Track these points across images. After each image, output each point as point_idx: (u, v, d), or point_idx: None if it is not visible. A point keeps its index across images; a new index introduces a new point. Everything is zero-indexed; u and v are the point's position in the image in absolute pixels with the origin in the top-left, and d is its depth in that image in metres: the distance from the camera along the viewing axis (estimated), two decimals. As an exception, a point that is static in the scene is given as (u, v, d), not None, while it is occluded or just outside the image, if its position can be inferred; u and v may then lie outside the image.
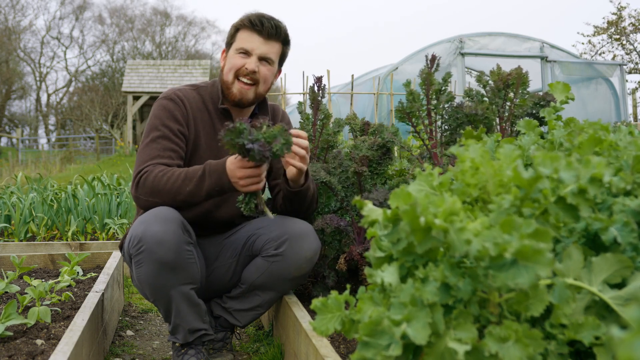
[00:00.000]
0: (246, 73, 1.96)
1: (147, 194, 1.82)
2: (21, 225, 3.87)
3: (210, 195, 1.79)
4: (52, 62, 35.86)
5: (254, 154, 1.57)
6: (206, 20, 41.80)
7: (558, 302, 0.88)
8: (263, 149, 1.57)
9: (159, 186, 1.80)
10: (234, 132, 1.54)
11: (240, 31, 1.98)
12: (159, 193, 1.81)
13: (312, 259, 1.91)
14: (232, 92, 1.99)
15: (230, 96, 2.00)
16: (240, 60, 1.97)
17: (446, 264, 0.89)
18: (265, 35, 1.96)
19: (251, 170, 1.68)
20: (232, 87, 1.98)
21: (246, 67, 1.95)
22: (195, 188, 1.77)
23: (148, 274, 1.74)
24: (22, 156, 21.03)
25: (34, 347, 1.58)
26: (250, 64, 1.95)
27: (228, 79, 1.99)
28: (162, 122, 1.93)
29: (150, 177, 1.82)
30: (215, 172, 1.75)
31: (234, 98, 2.00)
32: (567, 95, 1.90)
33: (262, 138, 1.57)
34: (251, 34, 1.96)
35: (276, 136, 1.58)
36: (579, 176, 0.89)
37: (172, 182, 1.79)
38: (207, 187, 1.76)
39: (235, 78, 1.97)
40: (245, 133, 1.55)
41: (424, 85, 1.94)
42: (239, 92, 1.98)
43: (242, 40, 1.97)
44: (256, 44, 1.96)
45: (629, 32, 18.97)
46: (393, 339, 0.85)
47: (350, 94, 8.29)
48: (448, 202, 0.86)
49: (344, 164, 2.10)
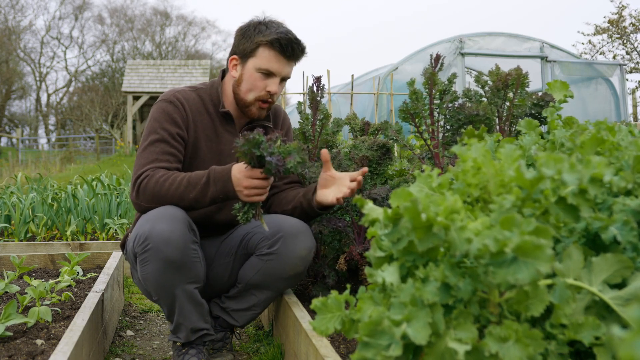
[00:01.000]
0: (268, 97, 1.96)
1: (148, 200, 1.81)
2: (21, 225, 3.87)
3: (214, 202, 1.79)
4: (52, 62, 35.89)
5: (270, 167, 1.59)
6: (206, 20, 41.84)
7: (558, 302, 0.88)
8: (280, 164, 1.58)
9: (160, 192, 1.79)
10: (251, 143, 1.55)
11: (265, 48, 1.92)
12: (161, 199, 1.79)
13: (306, 258, 1.91)
14: (250, 110, 1.98)
15: (248, 113, 2.00)
16: (261, 82, 1.94)
17: (446, 264, 0.89)
18: (291, 58, 1.95)
19: (259, 181, 1.68)
20: (252, 107, 1.98)
21: (269, 91, 1.94)
22: (199, 195, 1.76)
23: (154, 272, 1.74)
24: (22, 156, 21.03)
25: (34, 347, 1.58)
26: (273, 87, 1.94)
27: (247, 98, 1.97)
28: (161, 125, 1.92)
29: (151, 182, 1.80)
30: (221, 180, 1.74)
31: (252, 116, 2.00)
32: (565, 93, 1.90)
33: (277, 152, 1.58)
34: (277, 56, 1.92)
35: (291, 153, 1.59)
36: (582, 177, 0.89)
37: (174, 188, 1.78)
38: (211, 194, 1.76)
39: (256, 100, 1.96)
40: (263, 145, 1.56)
41: (427, 84, 1.94)
42: (258, 110, 1.99)
43: (266, 60, 1.92)
44: (281, 66, 1.93)
45: (630, 32, 18.97)
46: (393, 339, 0.85)
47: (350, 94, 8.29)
48: (449, 201, 0.86)
49: (342, 164, 2.10)
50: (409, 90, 1.95)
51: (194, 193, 1.76)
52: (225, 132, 2.02)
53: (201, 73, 22.30)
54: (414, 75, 2.16)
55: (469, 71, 10.03)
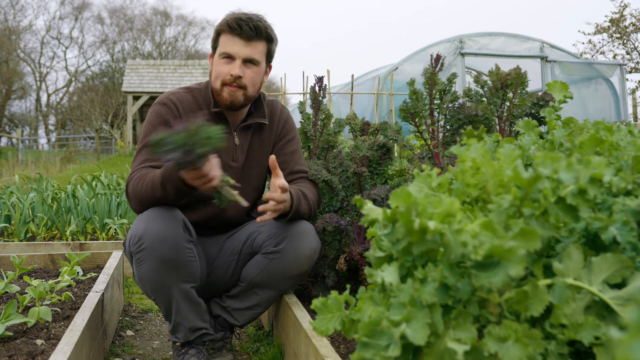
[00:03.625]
0: (232, 80, 1.93)
1: (135, 202, 1.85)
2: (21, 225, 3.87)
3: (180, 198, 1.76)
4: (52, 62, 35.91)
5: (180, 163, 1.54)
6: (206, 20, 41.68)
7: (558, 302, 0.88)
8: (186, 157, 1.52)
9: (138, 194, 1.81)
10: (155, 146, 1.50)
11: (222, 35, 1.95)
12: (141, 200, 1.82)
13: (311, 257, 1.91)
14: (222, 97, 1.97)
15: (221, 102, 1.98)
16: (225, 66, 1.94)
17: (445, 264, 0.89)
18: (245, 37, 1.92)
19: (195, 172, 1.64)
20: (222, 92, 1.96)
21: (231, 74, 1.93)
22: (163, 194, 1.76)
23: (149, 272, 1.75)
24: (22, 156, 21.02)
25: (34, 347, 1.58)
26: (234, 69, 1.93)
27: (216, 86, 1.97)
28: (154, 128, 1.94)
29: (131, 184, 1.84)
30: (170, 181, 1.71)
31: (225, 102, 1.98)
32: (565, 94, 1.90)
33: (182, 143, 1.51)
34: (232, 38, 1.93)
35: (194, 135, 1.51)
36: (579, 177, 0.89)
37: (145, 189, 1.79)
38: (171, 192, 1.74)
39: (223, 85, 1.95)
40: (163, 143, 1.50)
41: (428, 84, 1.94)
42: (229, 95, 1.96)
43: (224, 45, 1.94)
44: (238, 47, 1.92)
45: (630, 31, 18.96)
46: (392, 339, 0.85)
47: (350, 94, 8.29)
48: (445, 204, 0.86)
49: (344, 163, 2.10)
50: (409, 90, 1.95)
51: (158, 193, 1.76)
52: None
53: (201, 73, 22.29)
54: (414, 75, 2.16)
55: (469, 71, 10.03)
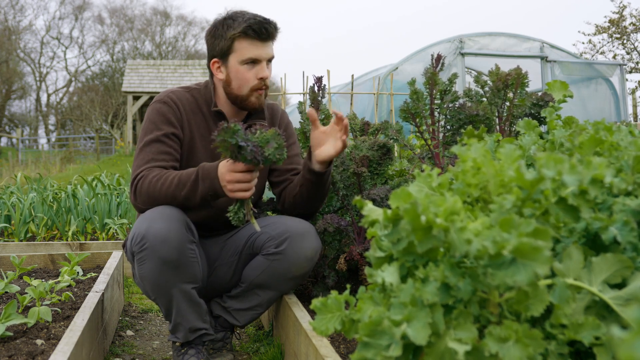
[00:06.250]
0: (262, 85, 1.94)
1: (144, 201, 1.82)
2: (21, 225, 3.87)
3: (205, 200, 1.77)
4: (52, 62, 35.85)
5: (245, 154, 1.55)
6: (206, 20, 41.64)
7: (558, 302, 0.88)
8: (256, 150, 1.54)
9: (154, 192, 1.79)
10: (227, 132, 1.51)
11: (239, 41, 1.91)
12: (155, 200, 1.80)
13: (312, 258, 1.91)
14: (251, 102, 1.96)
15: (249, 106, 1.98)
16: (249, 72, 1.93)
17: (446, 264, 0.89)
18: (264, 38, 1.93)
19: (242, 175, 1.65)
20: (250, 98, 1.96)
21: (261, 77, 1.93)
22: (189, 192, 1.76)
23: (150, 272, 1.74)
24: (22, 156, 21.02)
25: (34, 347, 1.58)
26: (263, 72, 1.93)
27: (242, 93, 1.95)
28: (156, 126, 1.93)
29: (145, 183, 1.81)
30: (208, 177, 1.72)
31: (253, 106, 1.98)
32: (565, 93, 1.90)
33: (254, 140, 1.55)
34: (254, 42, 1.91)
35: (269, 140, 1.56)
36: (582, 179, 0.89)
37: (166, 187, 1.78)
38: (200, 191, 1.75)
39: (252, 91, 1.95)
40: (239, 133, 1.53)
41: (428, 84, 1.94)
42: (257, 99, 1.96)
43: (246, 51, 1.91)
44: (261, 50, 1.92)
45: (630, 31, 18.96)
46: (393, 339, 0.85)
47: (350, 94, 8.28)
48: (449, 202, 0.86)
49: (345, 162, 2.10)
50: (409, 90, 1.95)
51: (184, 191, 1.76)
52: None
53: (201, 73, 22.29)
54: (414, 75, 2.15)
55: (469, 71, 10.02)
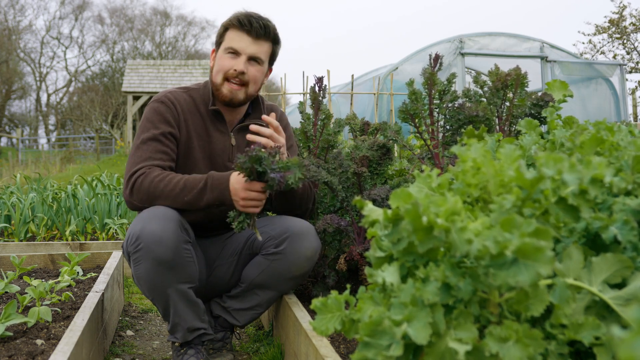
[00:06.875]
0: (235, 75, 1.94)
1: (142, 199, 1.83)
2: (21, 225, 3.87)
3: (209, 207, 1.80)
4: (52, 62, 35.89)
5: (272, 184, 1.61)
6: (206, 20, 41.70)
7: (558, 302, 0.88)
8: (282, 180, 1.61)
9: (155, 192, 1.80)
10: (254, 159, 1.58)
11: (229, 31, 1.97)
12: (154, 199, 1.81)
13: (312, 258, 1.92)
14: (222, 92, 1.97)
15: (220, 97, 1.99)
16: (229, 61, 1.95)
17: (447, 264, 0.89)
18: (254, 35, 1.94)
19: (257, 194, 1.70)
20: (222, 88, 1.97)
21: (235, 69, 1.94)
22: (194, 199, 1.78)
23: (146, 272, 1.75)
24: (22, 156, 21.01)
25: (34, 347, 1.58)
26: (238, 65, 1.93)
27: (217, 80, 1.97)
28: (154, 125, 1.93)
29: (146, 181, 1.81)
30: (218, 188, 1.75)
31: (224, 98, 1.98)
32: (565, 93, 1.90)
33: (278, 168, 1.61)
34: (240, 34, 1.94)
35: (291, 168, 1.62)
36: (582, 178, 0.89)
37: (169, 189, 1.79)
38: (207, 199, 1.77)
39: (225, 80, 1.96)
40: (266, 161, 1.59)
41: (427, 85, 1.94)
42: (229, 92, 1.96)
43: (230, 40, 1.95)
44: (245, 43, 1.94)
45: (630, 31, 18.96)
46: (394, 339, 0.85)
47: (350, 94, 8.28)
48: (450, 202, 0.86)
49: (344, 164, 2.10)
50: (408, 90, 1.95)
51: (189, 197, 1.78)
52: (216, 131, 2.02)
53: (201, 73, 22.29)
54: (414, 76, 2.16)
55: (469, 71, 10.03)
